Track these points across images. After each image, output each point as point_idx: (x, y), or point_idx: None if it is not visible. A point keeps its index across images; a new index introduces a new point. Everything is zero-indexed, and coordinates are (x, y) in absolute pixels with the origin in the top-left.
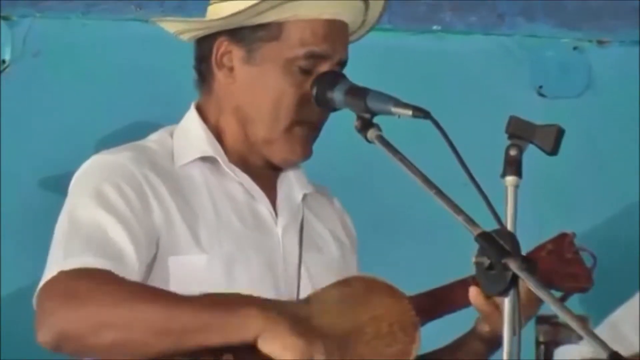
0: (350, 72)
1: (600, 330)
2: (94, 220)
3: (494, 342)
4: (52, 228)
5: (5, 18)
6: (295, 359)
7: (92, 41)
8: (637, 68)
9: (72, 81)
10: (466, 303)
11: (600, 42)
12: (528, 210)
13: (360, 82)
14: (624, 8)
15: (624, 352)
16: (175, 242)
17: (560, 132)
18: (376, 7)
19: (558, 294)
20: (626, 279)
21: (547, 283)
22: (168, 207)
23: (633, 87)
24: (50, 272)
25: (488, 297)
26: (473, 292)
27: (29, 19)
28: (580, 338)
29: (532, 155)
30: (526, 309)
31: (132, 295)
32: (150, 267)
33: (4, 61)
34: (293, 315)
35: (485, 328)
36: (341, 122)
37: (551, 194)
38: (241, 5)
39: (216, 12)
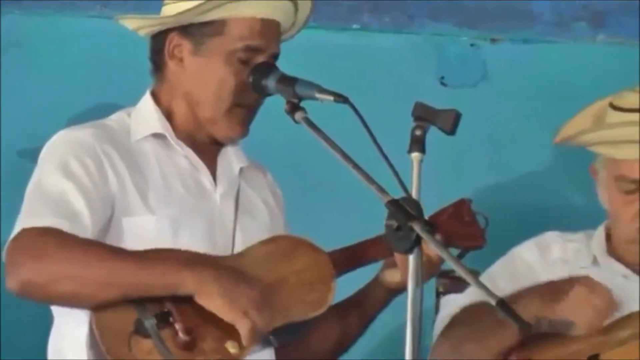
0: (283, 65)
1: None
2: (56, 187)
3: (398, 291)
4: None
5: None
6: (227, 313)
7: (63, 35)
8: (524, 63)
9: (48, 69)
10: (376, 258)
11: (493, 40)
12: (433, 181)
13: (291, 72)
14: (515, 10)
15: None
16: (128, 205)
17: (457, 116)
18: (304, 10)
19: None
20: (515, 238)
21: (447, 242)
22: (122, 176)
23: (521, 79)
24: (16, 229)
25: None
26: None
27: (9, 15)
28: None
29: (437, 135)
30: (430, 266)
31: (85, 251)
32: (107, 226)
33: None
34: (227, 267)
35: (395, 279)
36: (275, 106)
37: (453, 167)
38: (190, 5)
39: (169, 11)
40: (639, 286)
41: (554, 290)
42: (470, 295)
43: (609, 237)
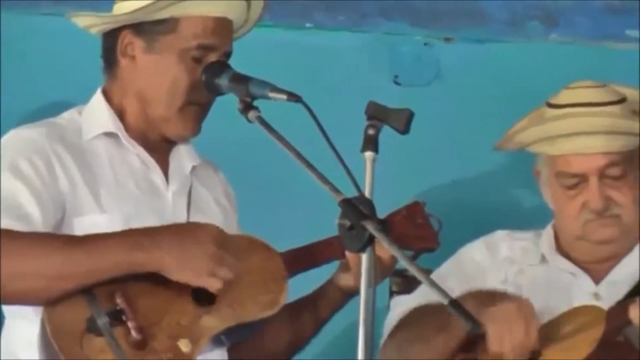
0: (237, 63)
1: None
2: (7, 188)
3: (353, 293)
4: None
5: None
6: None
7: (15, 32)
8: (478, 62)
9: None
10: (329, 258)
11: (447, 39)
12: (387, 181)
13: (245, 71)
14: (468, 10)
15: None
16: (79, 205)
17: (410, 115)
18: (256, 8)
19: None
20: (467, 237)
21: (401, 244)
22: (73, 176)
23: (474, 78)
24: None
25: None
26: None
27: None
28: None
29: (390, 134)
30: (384, 266)
31: (35, 246)
32: (59, 227)
33: None
34: (179, 234)
35: (350, 282)
36: (228, 104)
37: (406, 166)
38: (142, 3)
39: (121, 9)
40: (585, 282)
41: (488, 298)
42: (417, 297)
43: (557, 235)
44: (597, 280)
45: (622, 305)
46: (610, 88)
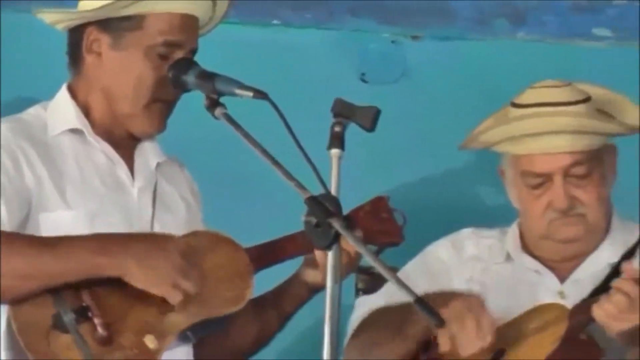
0: (204, 60)
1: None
2: None
3: (318, 289)
4: None
5: None
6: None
7: None
8: (445, 59)
9: None
10: (294, 254)
11: (414, 37)
12: (353, 178)
13: (212, 68)
14: (436, 7)
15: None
16: (45, 201)
17: (377, 113)
18: (222, 6)
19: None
20: (433, 235)
21: (365, 239)
22: (39, 172)
23: (442, 76)
24: None
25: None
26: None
27: None
28: None
29: (357, 131)
30: (348, 262)
31: (4, 247)
32: (24, 223)
33: None
34: (145, 242)
35: (316, 278)
36: (195, 101)
37: (372, 164)
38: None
39: (86, 5)
40: (550, 281)
41: (439, 300)
42: (381, 297)
43: (522, 233)
44: (562, 278)
45: (585, 304)
46: (574, 87)
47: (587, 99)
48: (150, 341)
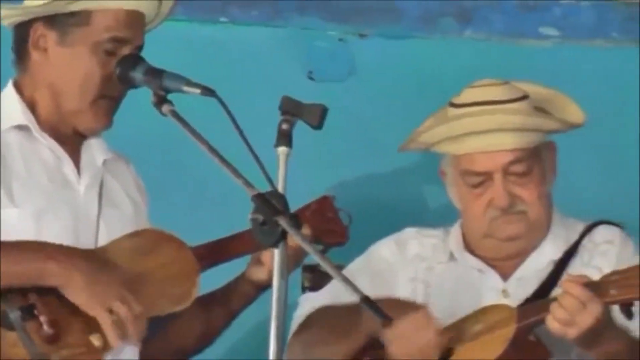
0: (152, 57)
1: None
2: None
3: (264, 287)
4: None
5: None
6: (91, 308)
7: None
8: (392, 58)
9: None
10: (241, 253)
11: (361, 35)
12: (300, 176)
13: (160, 66)
14: (383, 6)
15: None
16: None
17: (324, 111)
18: (168, 2)
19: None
20: (378, 234)
21: (311, 238)
22: None
23: (389, 74)
24: None
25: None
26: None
27: None
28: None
29: (304, 129)
30: (294, 259)
31: None
32: None
33: None
34: (92, 260)
35: (263, 276)
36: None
37: (320, 162)
38: None
39: (33, 1)
40: (493, 279)
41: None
42: (325, 296)
43: (465, 233)
44: (505, 277)
45: (533, 305)
46: (512, 85)
47: (524, 97)
48: (96, 339)
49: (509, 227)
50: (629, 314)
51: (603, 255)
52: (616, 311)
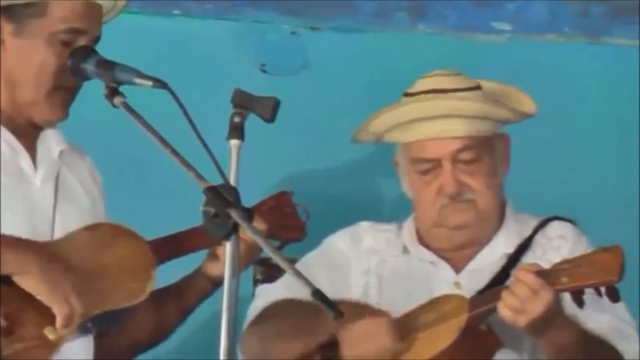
0: (104, 50)
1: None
2: None
3: (221, 282)
4: None
5: None
6: (49, 296)
7: None
8: (345, 52)
9: None
10: (197, 247)
11: (314, 29)
12: (252, 169)
13: (112, 58)
14: (336, 0)
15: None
16: None
17: (276, 104)
18: None
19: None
20: (333, 227)
21: (268, 233)
22: None
23: (342, 68)
24: None
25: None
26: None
27: None
28: None
29: (256, 122)
30: (248, 254)
31: None
32: None
33: None
34: (48, 252)
35: (218, 271)
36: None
37: (272, 155)
38: None
39: None
40: (445, 272)
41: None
42: (283, 289)
43: (417, 226)
44: (457, 269)
45: (485, 295)
46: (465, 76)
47: (477, 87)
48: (50, 332)
49: (457, 215)
50: (579, 303)
51: (556, 250)
52: (567, 300)
